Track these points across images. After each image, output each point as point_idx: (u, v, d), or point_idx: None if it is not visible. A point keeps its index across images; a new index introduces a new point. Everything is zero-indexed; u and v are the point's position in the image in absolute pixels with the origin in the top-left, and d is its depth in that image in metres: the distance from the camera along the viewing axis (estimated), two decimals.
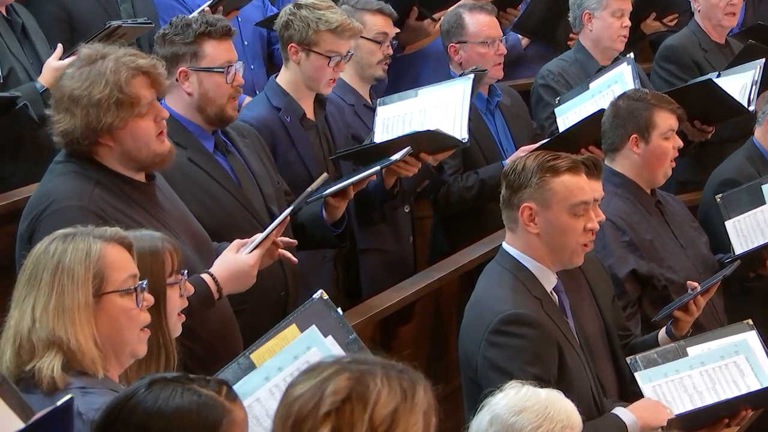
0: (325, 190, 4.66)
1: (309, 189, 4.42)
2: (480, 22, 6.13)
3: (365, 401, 2.35)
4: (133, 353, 3.13)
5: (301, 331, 3.50)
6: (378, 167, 4.77)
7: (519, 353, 3.98)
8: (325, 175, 4.64)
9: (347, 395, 2.36)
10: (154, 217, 3.94)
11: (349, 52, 5.24)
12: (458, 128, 5.21)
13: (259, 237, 4.05)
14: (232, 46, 4.63)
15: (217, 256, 4.06)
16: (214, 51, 4.53)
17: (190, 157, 4.45)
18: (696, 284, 4.72)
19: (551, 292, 4.19)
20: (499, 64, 6.16)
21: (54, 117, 3.89)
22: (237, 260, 4.01)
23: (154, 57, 4.05)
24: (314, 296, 3.58)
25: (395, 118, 5.32)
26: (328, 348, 3.49)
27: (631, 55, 6.19)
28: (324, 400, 2.35)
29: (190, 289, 3.49)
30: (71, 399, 2.46)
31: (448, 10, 6.39)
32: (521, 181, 4.11)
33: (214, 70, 4.52)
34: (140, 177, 3.99)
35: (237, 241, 4.07)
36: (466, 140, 5.21)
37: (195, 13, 5.37)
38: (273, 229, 4.07)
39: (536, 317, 4.03)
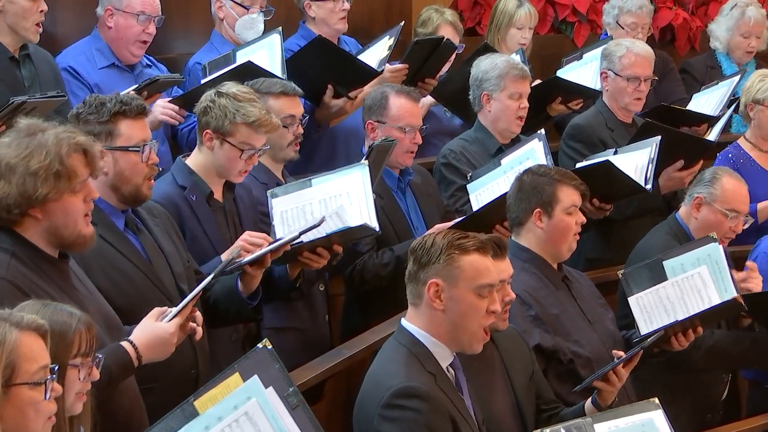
0: (241, 262, 4.69)
1: (224, 262, 4.43)
2: (403, 108, 6.11)
3: None
4: None
5: (244, 380, 3.55)
6: (297, 233, 4.80)
7: (411, 426, 3.99)
8: (238, 246, 4.64)
9: None
10: (67, 294, 3.94)
11: (264, 146, 5.24)
12: (367, 218, 5.23)
13: (179, 305, 4.08)
14: (146, 125, 4.67)
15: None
16: (129, 130, 4.55)
17: (101, 233, 4.42)
18: (621, 353, 4.78)
19: (447, 368, 4.20)
20: (412, 152, 6.17)
21: None
22: (157, 327, 4.04)
23: (92, 137, 4.08)
24: (259, 345, 3.61)
25: (294, 210, 5.27)
26: (267, 400, 3.54)
27: (543, 131, 6.25)
28: None
29: (95, 376, 3.45)
30: None
31: (368, 87, 6.43)
32: (429, 257, 4.13)
33: (130, 149, 4.54)
34: (54, 253, 3.99)
35: (156, 309, 4.10)
36: (378, 230, 5.26)
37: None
38: (192, 298, 4.10)
39: (427, 390, 4.03)
